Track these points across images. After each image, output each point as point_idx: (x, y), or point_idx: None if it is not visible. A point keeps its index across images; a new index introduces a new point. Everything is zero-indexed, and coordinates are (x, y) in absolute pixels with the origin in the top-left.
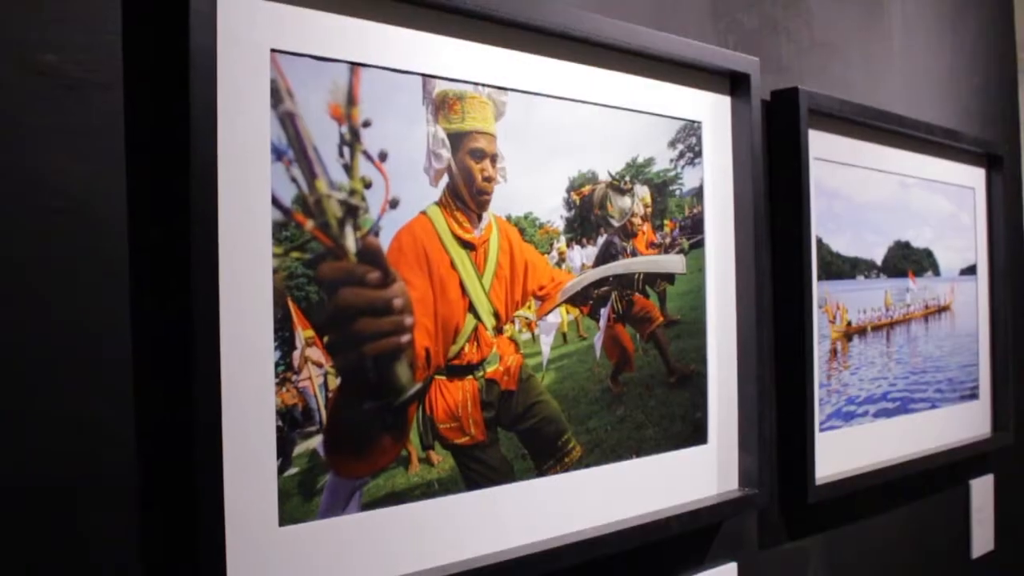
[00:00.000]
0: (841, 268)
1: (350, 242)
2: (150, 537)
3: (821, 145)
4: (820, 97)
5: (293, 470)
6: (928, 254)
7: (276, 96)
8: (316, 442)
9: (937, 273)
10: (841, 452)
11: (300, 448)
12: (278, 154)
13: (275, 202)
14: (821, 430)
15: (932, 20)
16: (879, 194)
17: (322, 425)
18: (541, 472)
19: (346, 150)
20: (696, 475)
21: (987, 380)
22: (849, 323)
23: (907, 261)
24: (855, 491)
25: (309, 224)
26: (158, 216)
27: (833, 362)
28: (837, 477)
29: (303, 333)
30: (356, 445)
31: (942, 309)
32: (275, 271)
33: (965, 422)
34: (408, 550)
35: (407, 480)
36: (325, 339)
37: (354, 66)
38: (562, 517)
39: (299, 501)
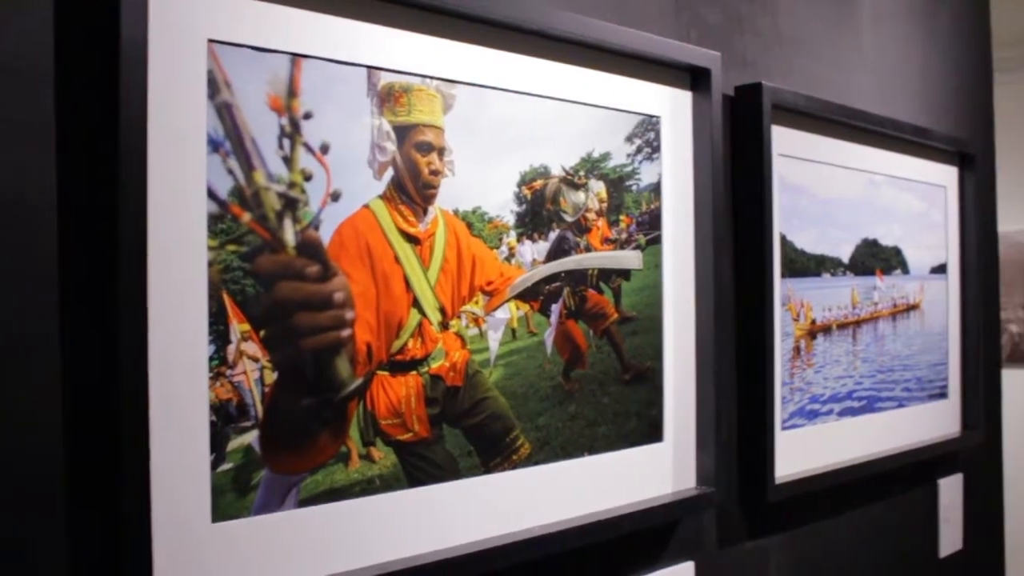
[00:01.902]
0: (806, 265)
1: (289, 235)
2: (76, 534)
3: (786, 141)
4: (784, 93)
5: (227, 465)
6: (897, 252)
7: (213, 87)
8: (251, 437)
9: (906, 271)
10: (804, 451)
11: (234, 443)
12: (214, 145)
13: (211, 194)
14: (783, 428)
15: (904, 16)
16: (846, 191)
17: (257, 420)
18: (488, 470)
19: (286, 142)
20: (651, 473)
21: (956, 379)
22: (813, 321)
23: (875, 259)
24: (818, 490)
25: (246, 217)
26: (87, 208)
27: (796, 360)
28: (799, 476)
29: (239, 327)
30: (293, 441)
31: (911, 308)
32: (210, 264)
33: (934, 421)
34: (347, 548)
35: (347, 477)
36: (262, 333)
37: (295, 57)
38: (509, 515)
39: (233, 497)
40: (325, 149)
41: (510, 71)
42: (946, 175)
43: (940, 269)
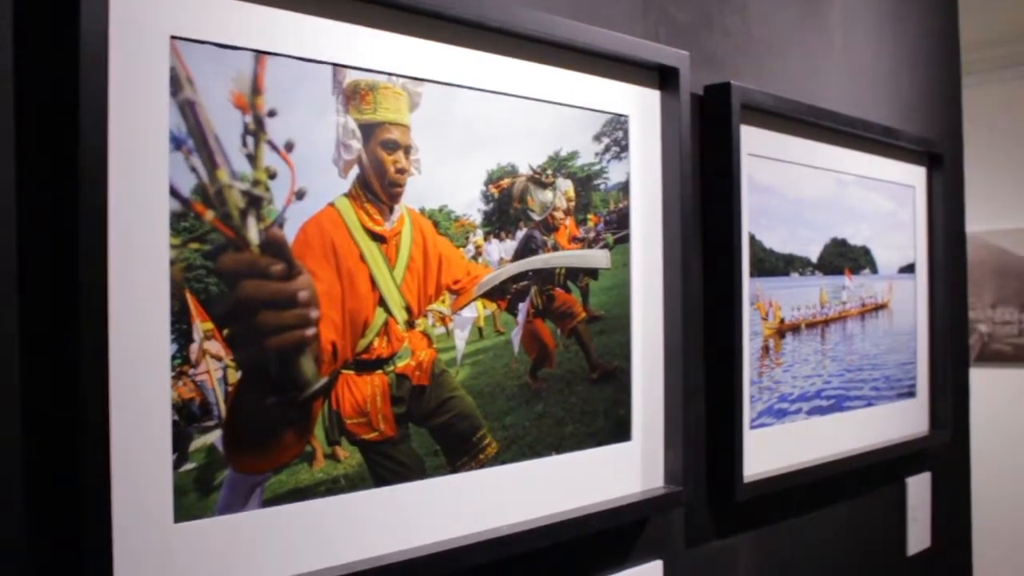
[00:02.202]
0: (775, 265)
1: (253, 233)
2: (35, 534)
3: (754, 141)
4: (753, 92)
5: (189, 465)
6: (865, 252)
7: (175, 84)
8: (214, 437)
9: (875, 271)
10: (773, 450)
11: (197, 443)
12: (177, 143)
13: (173, 192)
14: (752, 427)
15: (874, 17)
16: (815, 191)
17: (221, 419)
18: (454, 469)
19: (250, 140)
20: (619, 472)
21: (925, 378)
22: (782, 320)
23: (843, 259)
24: (786, 489)
25: (209, 215)
26: (46, 206)
27: (765, 359)
28: (767, 475)
29: (201, 326)
30: (257, 440)
31: (879, 307)
32: (172, 262)
33: (902, 420)
34: (312, 548)
35: (311, 476)
36: (225, 332)
37: (259, 54)
38: (476, 514)
39: (196, 497)
40: (290, 147)
41: (477, 69)
42: (914, 175)
43: (908, 269)
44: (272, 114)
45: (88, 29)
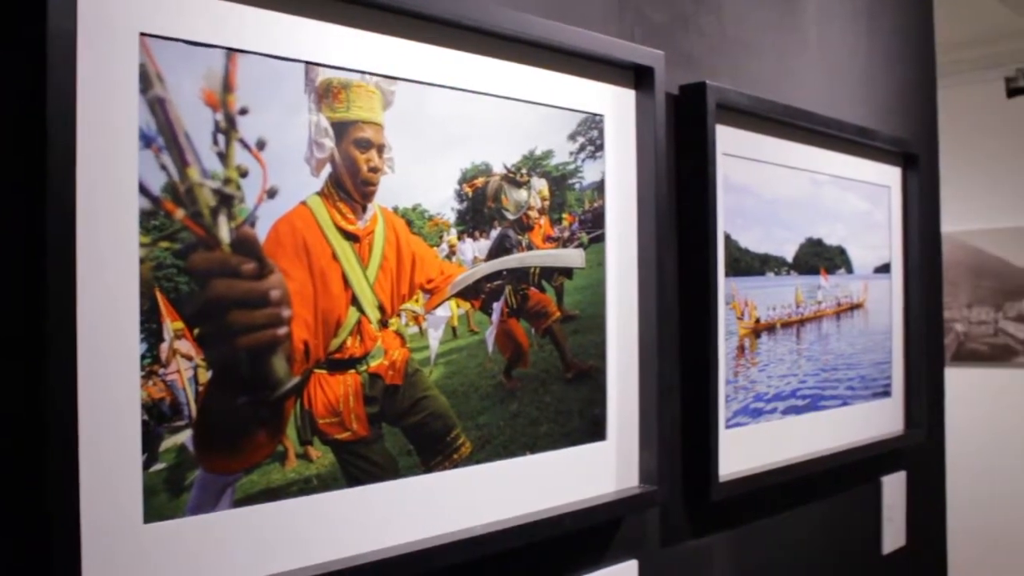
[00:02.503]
0: (750, 264)
1: (224, 232)
2: (2, 535)
3: (730, 140)
4: (728, 92)
5: (159, 465)
6: (841, 251)
7: (145, 81)
8: (185, 437)
9: (850, 271)
10: (748, 449)
11: (167, 443)
12: (147, 141)
13: (143, 190)
14: (727, 427)
15: (849, 17)
16: (790, 191)
17: (191, 419)
18: (428, 469)
19: (221, 138)
20: (594, 472)
21: (900, 377)
22: (758, 320)
23: (819, 258)
24: (762, 488)
25: (180, 213)
26: (14, 204)
27: (740, 359)
28: (743, 474)
29: (172, 325)
30: (228, 440)
31: (855, 307)
32: (142, 261)
33: (877, 419)
34: (284, 548)
35: (283, 476)
36: (196, 331)
37: (231, 52)
38: (450, 515)
39: (166, 497)
40: (261, 145)
41: (451, 68)
42: (890, 175)
43: (884, 269)
44: (244, 112)
45: (56, 26)
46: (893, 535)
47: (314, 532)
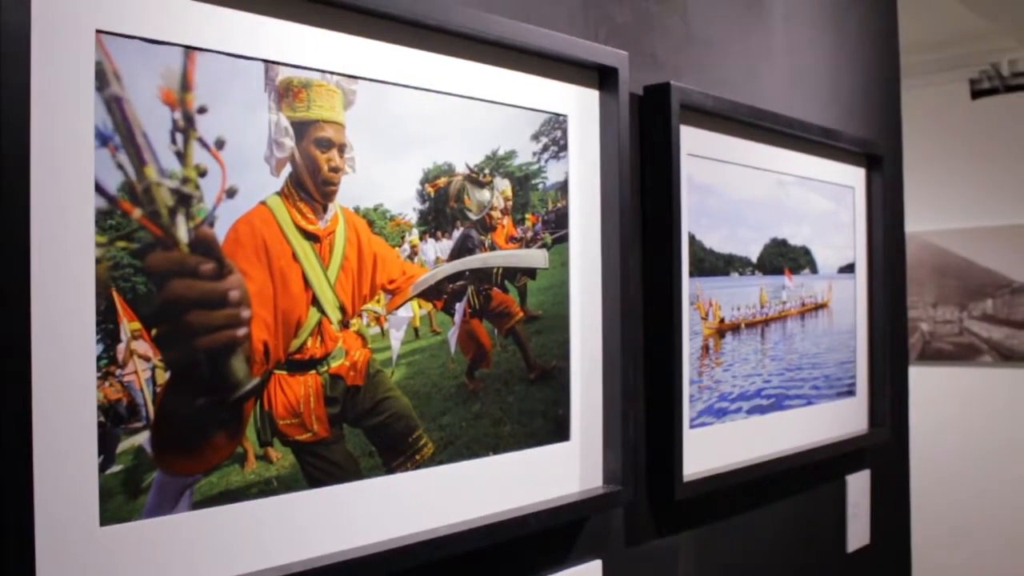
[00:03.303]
0: (715, 265)
1: (182, 232)
2: None
3: (694, 141)
4: (693, 93)
5: (116, 467)
6: (805, 252)
7: (102, 79)
8: (142, 438)
9: (815, 271)
10: (713, 449)
11: (124, 445)
12: (103, 139)
13: (99, 189)
14: (692, 427)
15: (814, 19)
16: (755, 191)
17: (149, 421)
18: (390, 470)
19: (179, 136)
20: (558, 472)
21: (864, 377)
22: (722, 320)
23: (783, 258)
24: (726, 487)
25: (137, 213)
26: None
27: (705, 359)
28: (707, 474)
29: (129, 325)
30: (187, 441)
31: (819, 307)
32: (98, 261)
33: (842, 418)
34: (244, 550)
35: (243, 478)
36: (153, 332)
37: (189, 50)
38: (413, 515)
39: (123, 500)
40: (220, 144)
41: (413, 67)
42: (854, 176)
43: (848, 269)
44: (202, 111)
45: (9, 22)
46: (857, 533)
47: (275, 534)
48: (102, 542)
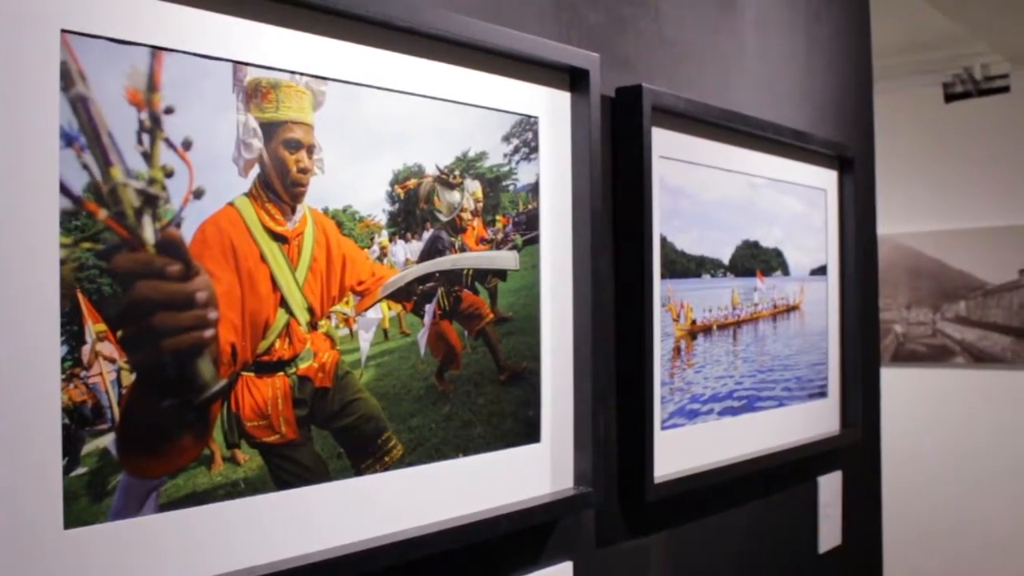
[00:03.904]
0: (686, 267)
1: (148, 233)
2: None
3: (666, 143)
4: (665, 95)
5: (81, 470)
6: (777, 254)
7: (67, 79)
8: (108, 440)
9: (786, 273)
10: (684, 450)
11: (89, 447)
12: (68, 140)
13: (64, 190)
14: (663, 428)
15: (786, 22)
16: (726, 193)
17: (114, 423)
18: (359, 471)
19: (145, 137)
20: (528, 474)
21: (836, 378)
22: (694, 321)
23: (755, 260)
24: (698, 489)
25: (102, 214)
26: None
27: (676, 360)
28: (678, 475)
29: (94, 327)
30: (153, 443)
31: (791, 308)
32: (63, 262)
33: (814, 420)
34: (212, 552)
35: (210, 480)
36: (119, 333)
37: (156, 50)
38: (382, 517)
39: (87, 502)
40: (188, 145)
41: (383, 69)
42: (826, 178)
43: (820, 271)
44: (169, 111)
45: None
46: (829, 534)
47: (242, 536)
48: (66, 545)
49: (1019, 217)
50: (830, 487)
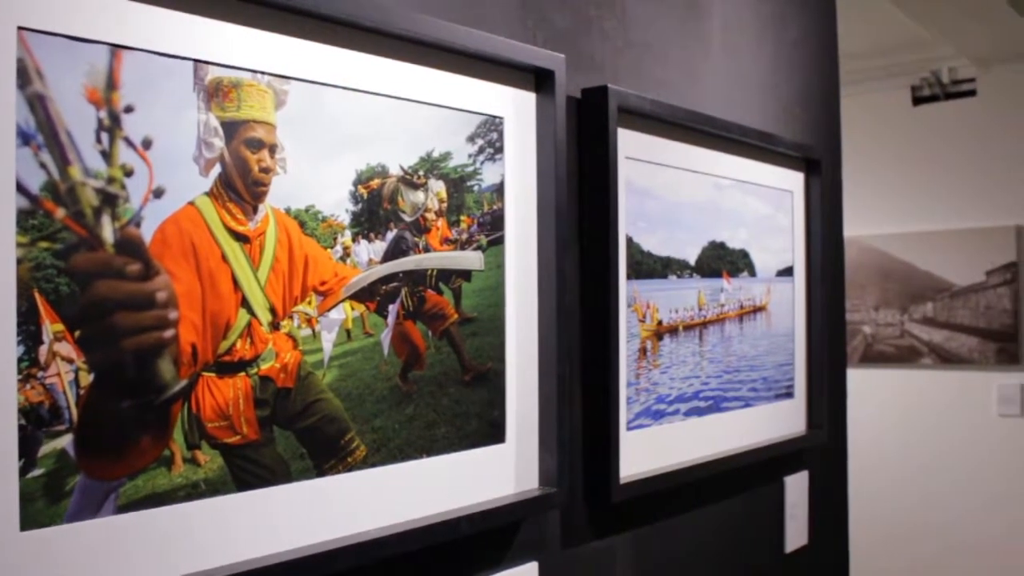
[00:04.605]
0: (652, 267)
1: (107, 232)
2: None
3: (632, 144)
4: (631, 96)
5: (38, 471)
6: (744, 255)
7: (24, 77)
8: (65, 441)
9: (753, 274)
10: (650, 451)
11: (46, 448)
12: (25, 138)
13: (20, 189)
14: (629, 429)
15: (753, 25)
16: (693, 194)
17: (72, 424)
18: (321, 472)
19: (104, 136)
20: (493, 475)
21: (802, 379)
22: (660, 322)
23: (722, 261)
24: (664, 489)
25: (60, 213)
26: None
27: (642, 361)
28: (644, 476)
29: (51, 327)
30: (111, 445)
31: (758, 309)
32: (19, 261)
33: (780, 420)
34: (171, 554)
35: (170, 481)
36: (77, 334)
37: (115, 48)
38: (344, 518)
39: (44, 504)
40: (147, 144)
41: (347, 68)
42: (793, 180)
43: (787, 272)
44: (129, 110)
45: None
46: (796, 534)
47: (203, 537)
48: (22, 547)
49: (985, 219)
50: (797, 487)
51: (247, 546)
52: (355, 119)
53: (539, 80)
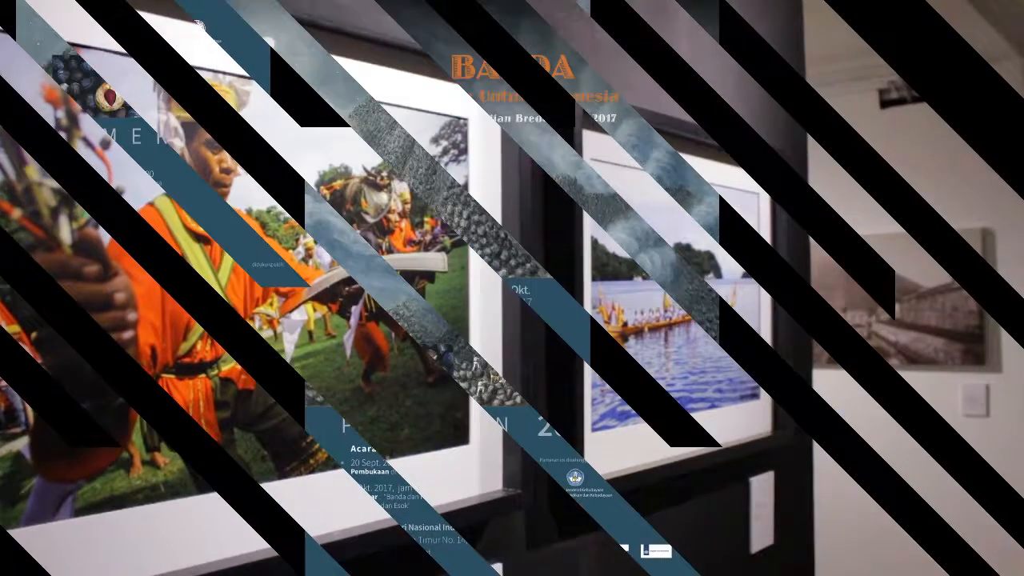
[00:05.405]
0: (618, 269)
1: (65, 233)
2: None
3: (597, 146)
4: None
5: None
6: (710, 256)
7: None
8: (21, 444)
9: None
10: (615, 451)
11: (2, 451)
12: None
13: None
14: (594, 430)
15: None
16: (658, 196)
17: (28, 426)
18: (283, 474)
19: (62, 136)
20: (457, 476)
21: None
22: (625, 324)
23: (687, 263)
24: (629, 490)
25: (16, 213)
26: None
27: None
28: (609, 477)
29: (8, 329)
30: (68, 447)
31: None
32: None
33: (746, 421)
34: (129, 557)
35: (128, 484)
36: (33, 335)
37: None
38: (307, 519)
39: (0, 507)
40: (106, 144)
41: None
42: None
43: None
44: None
45: None
46: (761, 534)
47: (163, 540)
48: None
49: (952, 222)
50: (762, 488)
51: (209, 548)
52: None
53: None
